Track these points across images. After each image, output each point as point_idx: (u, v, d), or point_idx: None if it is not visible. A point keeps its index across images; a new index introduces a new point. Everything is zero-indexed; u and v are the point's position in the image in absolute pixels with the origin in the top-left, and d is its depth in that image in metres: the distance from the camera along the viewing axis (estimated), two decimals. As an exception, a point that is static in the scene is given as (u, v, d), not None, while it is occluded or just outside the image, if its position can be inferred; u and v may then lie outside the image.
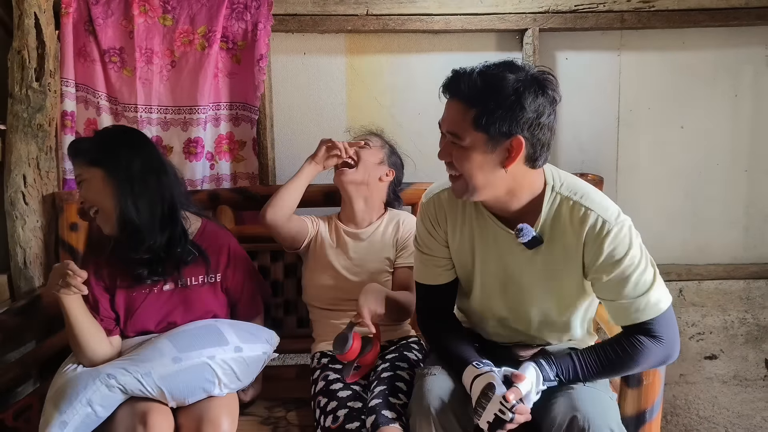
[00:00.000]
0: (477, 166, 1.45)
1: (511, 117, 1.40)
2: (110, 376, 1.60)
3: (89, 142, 1.81)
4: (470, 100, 1.42)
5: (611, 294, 1.49)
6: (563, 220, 1.51)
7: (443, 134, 1.52)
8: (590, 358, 1.51)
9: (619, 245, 1.46)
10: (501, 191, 1.50)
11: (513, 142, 1.42)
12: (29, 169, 2.25)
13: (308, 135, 2.55)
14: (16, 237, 2.26)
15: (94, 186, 1.74)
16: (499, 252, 1.59)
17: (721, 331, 2.65)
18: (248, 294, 1.96)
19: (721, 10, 2.43)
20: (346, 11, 2.40)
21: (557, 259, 1.54)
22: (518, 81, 1.40)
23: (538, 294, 1.60)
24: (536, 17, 2.42)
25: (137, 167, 1.75)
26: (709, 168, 2.63)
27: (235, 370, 1.72)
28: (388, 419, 1.59)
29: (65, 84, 2.34)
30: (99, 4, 2.32)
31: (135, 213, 1.73)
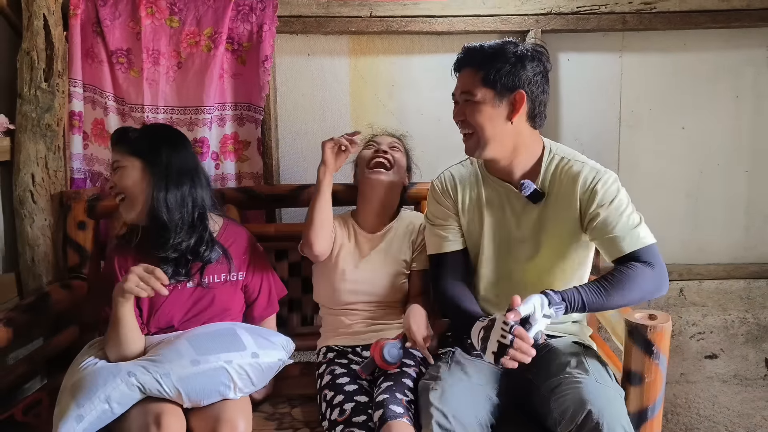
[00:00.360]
0: (487, 118, 1.69)
1: (513, 74, 1.67)
2: (131, 374, 1.62)
3: (135, 133, 1.86)
4: (479, 64, 1.70)
5: (606, 229, 1.67)
6: (560, 177, 1.75)
7: (456, 102, 1.77)
8: (592, 287, 1.62)
9: (610, 188, 1.70)
10: (507, 147, 1.74)
11: (516, 96, 1.68)
12: (37, 168, 2.28)
13: (312, 135, 2.58)
14: (24, 235, 2.28)
15: (130, 175, 1.80)
16: (504, 211, 1.80)
17: (722, 330, 2.67)
18: (266, 292, 1.99)
19: (723, 11, 2.45)
20: (350, 13, 2.43)
21: (556, 212, 1.74)
22: (517, 48, 1.70)
23: (540, 249, 1.77)
24: (538, 19, 2.44)
25: (175, 166, 1.82)
26: (710, 168, 2.65)
27: (251, 375, 1.75)
28: (396, 413, 1.60)
29: (73, 84, 2.37)
30: (107, 6, 2.35)
31: (165, 209, 1.78)
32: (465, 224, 1.86)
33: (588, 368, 1.61)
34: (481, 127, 1.70)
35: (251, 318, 1.99)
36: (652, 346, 1.55)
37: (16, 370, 2.01)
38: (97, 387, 1.60)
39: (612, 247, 1.67)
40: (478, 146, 1.73)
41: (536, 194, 1.73)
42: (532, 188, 1.73)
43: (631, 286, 1.61)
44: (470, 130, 1.73)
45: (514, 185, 1.77)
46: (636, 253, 1.65)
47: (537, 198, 1.74)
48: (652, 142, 2.63)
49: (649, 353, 1.55)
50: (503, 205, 1.80)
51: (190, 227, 1.82)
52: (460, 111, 1.75)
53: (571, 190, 1.72)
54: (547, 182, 1.76)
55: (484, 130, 1.70)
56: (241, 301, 1.96)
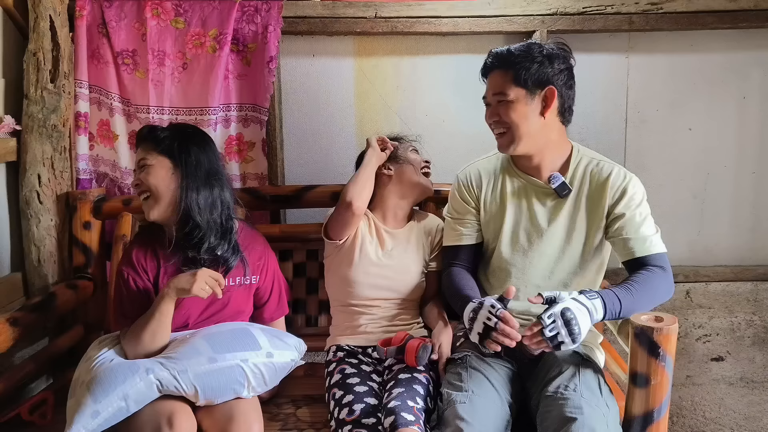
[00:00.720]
0: (522, 115, 1.76)
1: (542, 71, 1.75)
2: (149, 371, 1.63)
3: (164, 131, 1.86)
4: (508, 65, 1.77)
5: (629, 229, 1.75)
6: (590, 175, 1.82)
7: (488, 104, 1.84)
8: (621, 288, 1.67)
9: (638, 192, 1.78)
10: (539, 143, 1.80)
11: (547, 92, 1.76)
12: (44, 168, 2.29)
13: (317, 136, 2.58)
14: (30, 235, 2.29)
15: (159, 173, 1.80)
16: (529, 205, 1.86)
17: (728, 332, 2.65)
18: (276, 295, 2.00)
19: (730, 12, 2.43)
20: (355, 14, 2.42)
21: (583, 209, 1.81)
22: (543, 47, 1.78)
23: (559, 244, 1.83)
24: (544, 19, 2.43)
25: (205, 166, 1.83)
26: (717, 170, 2.63)
27: (265, 374, 1.76)
28: (408, 421, 1.60)
29: (79, 85, 2.38)
30: (112, 7, 2.36)
31: (198, 210, 1.79)
32: (485, 218, 1.92)
33: (578, 383, 1.61)
34: (515, 125, 1.77)
35: (261, 319, 2.00)
36: (658, 348, 1.53)
37: (22, 370, 2.02)
38: (115, 384, 1.60)
39: (632, 247, 1.74)
40: (512, 142, 1.79)
41: (564, 186, 1.80)
42: (561, 180, 1.80)
43: (655, 288, 1.69)
44: (504, 128, 1.79)
45: (541, 181, 1.84)
46: (653, 258, 1.73)
47: (564, 191, 1.80)
48: (659, 143, 2.61)
49: (655, 355, 1.54)
50: (529, 199, 1.86)
51: (222, 231, 1.84)
52: (494, 112, 1.81)
53: (602, 188, 1.79)
54: (575, 180, 1.83)
55: (518, 127, 1.77)
56: (251, 303, 1.97)
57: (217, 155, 1.91)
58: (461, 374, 1.72)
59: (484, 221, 1.92)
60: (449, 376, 1.75)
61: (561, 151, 1.86)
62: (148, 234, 1.89)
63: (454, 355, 1.84)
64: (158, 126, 1.89)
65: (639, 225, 1.75)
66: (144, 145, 1.84)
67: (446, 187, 2.27)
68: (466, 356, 1.79)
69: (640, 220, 1.76)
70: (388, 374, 1.88)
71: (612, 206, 1.78)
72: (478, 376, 1.70)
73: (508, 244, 1.87)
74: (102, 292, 2.30)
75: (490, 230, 1.91)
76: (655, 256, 1.73)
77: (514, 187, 1.89)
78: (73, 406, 1.61)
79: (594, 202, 1.80)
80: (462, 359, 1.79)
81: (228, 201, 1.87)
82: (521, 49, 1.78)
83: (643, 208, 1.78)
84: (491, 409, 1.61)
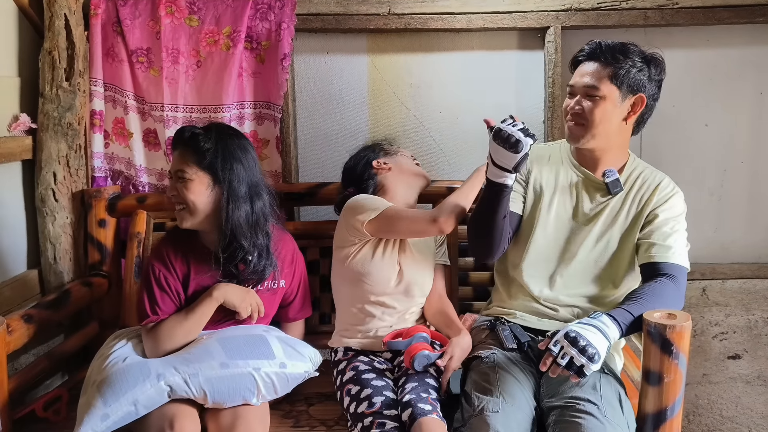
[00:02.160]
0: (606, 116, 1.76)
1: (640, 77, 1.75)
2: (160, 377, 1.63)
3: (206, 140, 1.80)
4: (608, 60, 1.75)
5: (661, 233, 1.76)
6: (642, 180, 1.84)
7: (572, 93, 1.82)
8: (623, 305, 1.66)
9: (679, 205, 1.82)
10: (608, 143, 1.81)
11: (637, 99, 1.77)
12: (59, 166, 2.30)
13: (331, 134, 2.58)
14: (46, 233, 2.31)
15: (197, 189, 1.78)
16: (578, 195, 1.88)
17: (745, 330, 2.62)
18: (301, 297, 2.01)
19: (746, 6, 2.40)
20: (369, 10, 2.42)
21: (625, 208, 1.83)
22: (643, 52, 1.78)
23: (598, 236, 1.84)
24: (558, 15, 2.42)
25: (248, 183, 1.81)
26: (734, 166, 2.60)
27: (276, 384, 1.76)
28: (425, 411, 1.60)
29: (94, 84, 2.39)
30: (127, 6, 2.37)
31: (241, 231, 1.78)
32: (531, 197, 1.92)
33: (599, 397, 1.57)
34: (596, 123, 1.76)
35: (285, 317, 2.01)
36: (671, 345, 1.52)
37: (36, 367, 2.03)
38: (126, 388, 1.61)
39: (654, 252, 1.75)
40: (583, 137, 1.79)
41: (616, 183, 1.81)
42: (616, 176, 1.81)
43: (665, 299, 1.66)
44: (583, 121, 1.78)
45: (596, 176, 1.85)
46: (670, 266, 1.73)
47: (616, 188, 1.81)
48: (675, 139, 2.59)
49: (668, 353, 1.53)
50: (579, 191, 1.88)
51: (266, 250, 1.84)
52: (578, 103, 1.79)
53: (651, 192, 1.82)
54: (629, 183, 1.85)
55: (597, 126, 1.76)
56: (276, 306, 1.97)
57: (256, 161, 1.88)
58: (489, 375, 1.68)
59: (530, 200, 1.92)
60: (476, 375, 1.72)
61: (622, 155, 1.88)
62: (182, 235, 1.87)
63: (480, 352, 1.80)
64: (200, 132, 1.81)
65: (668, 234, 1.76)
66: (184, 154, 1.80)
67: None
68: (492, 354, 1.76)
69: (670, 231, 1.76)
70: (398, 372, 1.87)
71: (653, 209, 1.80)
72: (507, 378, 1.66)
73: (550, 233, 1.88)
74: (117, 289, 2.31)
75: (534, 212, 1.90)
76: (673, 266, 1.73)
77: (568, 178, 1.90)
78: (84, 407, 1.62)
79: (640, 203, 1.82)
80: (488, 357, 1.76)
81: (268, 213, 1.85)
82: (623, 47, 1.76)
83: (678, 222, 1.79)
84: (521, 417, 1.57)
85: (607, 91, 1.74)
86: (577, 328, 1.52)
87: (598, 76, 1.75)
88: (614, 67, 1.73)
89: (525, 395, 1.63)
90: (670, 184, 1.84)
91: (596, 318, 1.57)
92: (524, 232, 1.92)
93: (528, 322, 1.87)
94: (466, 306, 2.28)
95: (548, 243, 1.88)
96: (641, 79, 1.75)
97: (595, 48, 1.79)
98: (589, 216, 1.86)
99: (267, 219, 1.85)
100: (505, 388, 1.63)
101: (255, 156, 1.88)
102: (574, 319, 1.83)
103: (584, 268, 1.86)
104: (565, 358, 1.49)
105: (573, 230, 1.87)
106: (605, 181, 1.82)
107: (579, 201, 1.87)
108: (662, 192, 1.81)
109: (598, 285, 1.87)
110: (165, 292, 1.80)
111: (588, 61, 1.79)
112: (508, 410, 1.56)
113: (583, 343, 1.48)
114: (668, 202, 1.80)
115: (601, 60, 1.76)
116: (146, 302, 1.80)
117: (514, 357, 1.75)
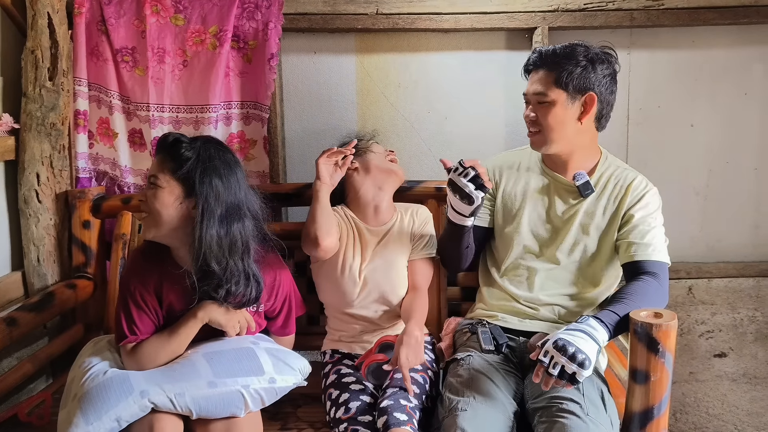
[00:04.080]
0: (558, 119, 1.78)
1: (585, 76, 1.76)
2: (143, 395, 1.58)
3: (189, 150, 1.66)
4: (552, 66, 1.78)
5: (638, 231, 1.78)
6: (614, 180, 1.85)
7: (527, 102, 1.85)
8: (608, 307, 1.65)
9: (654, 202, 1.83)
10: (571, 145, 1.83)
11: (587, 98, 1.78)
12: (42, 167, 2.27)
13: (319, 133, 2.56)
14: (29, 235, 2.28)
15: (165, 199, 1.65)
16: (551, 200, 1.90)
17: (731, 329, 2.65)
18: (283, 316, 1.93)
19: (731, 8, 2.42)
20: (356, 10, 2.41)
21: (598, 209, 1.84)
22: (588, 51, 1.78)
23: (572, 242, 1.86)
24: (546, 16, 2.42)
25: (224, 205, 1.66)
26: (719, 166, 2.62)
27: (264, 398, 1.71)
28: (399, 421, 1.59)
29: (78, 83, 2.36)
30: (111, 4, 2.34)
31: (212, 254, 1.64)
32: (501, 206, 1.96)
33: (582, 396, 1.57)
34: (550, 127, 1.79)
35: (270, 329, 1.96)
36: (657, 344, 1.52)
37: (20, 370, 2.00)
38: (108, 406, 1.56)
39: (634, 251, 1.77)
40: (544, 143, 1.83)
41: (587, 186, 1.83)
42: (586, 179, 1.83)
43: (649, 297, 1.67)
44: (539, 128, 1.82)
45: (566, 179, 1.88)
46: (652, 264, 1.75)
47: (587, 190, 1.83)
48: (661, 139, 2.61)
49: (655, 351, 1.53)
50: (551, 196, 1.90)
51: (245, 275, 1.70)
52: (532, 111, 1.83)
53: (624, 192, 1.83)
54: (600, 184, 1.86)
55: (552, 130, 1.79)
56: (263, 324, 1.91)
57: (241, 181, 1.72)
58: (463, 377, 1.69)
59: (500, 209, 1.96)
60: (451, 378, 1.72)
61: (591, 156, 1.89)
62: (154, 250, 1.76)
63: (456, 355, 1.81)
64: (184, 141, 1.67)
65: (646, 232, 1.77)
66: (163, 160, 1.67)
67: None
68: (469, 356, 1.76)
69: (648, 228, 1.78)
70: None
71: (628, 209, 1.81)
72: (481, 378, 1.66)
73: (525, 238, 1.90)
74: (102, 291, 2.28)
75: (507, 220, 1.94)
76: (655, 263, 1.75)
77: (538, 183, 1.92)
78: (65, 423, 1.57)
79: (615, 203, 1.84)
80: (464, 359, 1.76)
81: (248, 238, 1.70)
82: (566, 50, 1.78)
83: (654, 218, 1.81)
84: (496, 416, 1.56)
85: (554, 96, 1.77)
86: (565, 335, 1.51)
87: (545, 81, 1.78)
88: (557, 71, 1.76)
89: (502, 396, 1.62)
90: (642, 181, 1.85)
91: (583, 322, 1.57)
92: (502, 239, 1.95)
93: (509, 324, 1.88)
94: (454, 306, 2.28)
95: (526, 248, 1.91)
96: (588, 77, 1.76)
97: (538, 56, 1.82)
98: (563, 219, 1.88)
99: (247, 244, 1.70)
100: (478, 388, 1.63)
101: (241, 176, 1.73)
102: (555, 317, 1.86)
103: (564, 271, 1.88)
104: (556, 368, 1.48)
105: (549, 234, 1.90)
106: (576, 184, 1.84)
107: (552, 205, 1.90)
108: (635, 191, 1.82)
109: (578, 285, 1.88)
110: (142, 310, 1.71)
111: (536, 69, 1.83)
112: (478, 409, 1.55)
113: (572, 349, 1.47)
114: (642, 200, 1.81)
115: (545, 66, 1.79)
116: (123, 322, 1.71)
117: (491, 358, 1.75)
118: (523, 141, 2.50)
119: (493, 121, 2.56)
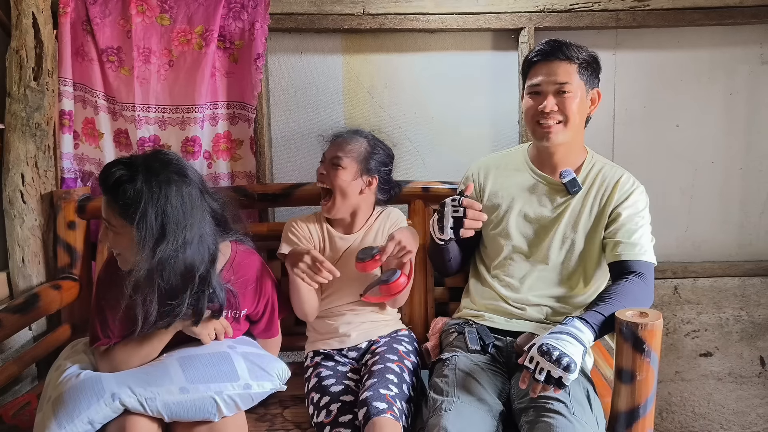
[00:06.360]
0: (578, 109, 1.80)
1: (597, 72, 1.84)
2: (115, 397, 1.57)
3: (131, 192, 1.55)
4: (572, 57, 1.79)
5: (625, 230, 1.78)
6: (601, 178, 1.86)
7: (537, 93, 1.82)
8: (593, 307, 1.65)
9: (641, 200, 1.83)
10: (575, 138, 1.85)
11: (594, 94, 1.85)
12: (27, 168, 2.26)
13: (305, 134, 2.56)
14: (14, 235, 2.26)
15: (122, 240, 1.60)
16: (539, 199, 1.90)
17: (716, 328, 2.66)
18: (266, 320, 1.92)
19: (716, 8, 2.43)
20: (343, 10, 2.41)
21: (586, 207, 1.84)
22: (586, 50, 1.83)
23: (560, 241, 1.86)
24: (532, 16, 2.43)
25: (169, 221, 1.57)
26: (705, 166, 2.64)
27: (239, 403, 1.69)
28: (379, 410, 1.59)
29: (63, 83, 2.35)
30: (97, 4, 2.33)
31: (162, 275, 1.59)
32: (488, 207, 1.94)
33: (568, 396, 1.57)
34: (573, 115, 1.79)
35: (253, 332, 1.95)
36: (643, 343, 1.53)
37: (4, 372, 1.98)
38: (80, 409, 1.56)
39: (621, 250, 1.77)
40: (562, 131, 1.81)
41: (574, 183, 1.83)
42: (572, 176, 1.83)
43: (634, 297, 1.67)
44: (562, 118, 1.80)
45: (554, 178, 1.88)
46: (638, 264, 1.75)
47: (574, 187, 1.83)
48: (646, 139, 2.62)
49: (641, 351, 1.53)
50: (539, 195, 1.90)
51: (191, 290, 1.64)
52: (551, 101, 1.79)
53: (611, 189, 1.83)
54: (587, 182, 1.87)
55: (574, 122, 1.80)
56: (244, 329, 1.90)
57: (191, 197, 1.62)
58: (448, 377, 1.68)
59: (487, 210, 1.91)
60: (436, 378, 1.72)
61: (580, 152, 1.91)
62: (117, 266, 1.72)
63: (442, 355, 1.81)
64: (124, 178, 1.56)
65: (633, 231, 1.77)
66: (109, 203, 1.59)
67: (435, 185, 2.27)
68: (454, 356, 1.76)
69: (635, 227, 1.78)
70: (364, 370, 1.87)
71: (615, 207, 1.81)
72: (466, 379, 1.66)
73: (514, 237, 1.90)
74: (87, 292, 2.27)
75: (498, 224, 1.93)
76: (641, 263, 1.75)
77: (526, 183, 1.92)
78: (39, 426, 1.57)
79: (602, 201, 1.84)
80: (450, 360, 1.76)
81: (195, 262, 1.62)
82: (575, 45, 1.81)
83: (642, 217, 1.80)
84: (480, 416, 1.56)
85: (576, 86, 1.79)
86: (549, 339, 1.51)
87: (568, 71, 1.78)
88: (578, 63, 1.79)
89: (487, 395, 1.62)
90: (629, 179, 1.85)
91: (568, 324, 1.57)
92: (491, 239, 1.95)
93: (496, 324, 1.88)
94: (441, 306, 2.28)
95: (514, 248, 1.91)
96: (598, 74, 1.84)
97: (555, 45, 1.81)
98: (551, 218, 1.87)
99: (191, 266, 1.62)
100: (463, 388, 1.63)
101: (190, 192, 1.62)
102: (543, 318, 1.86)
103: (552, 270, 1.88)
104: (542, 373, 1.48)
105: (537, 233, 1.89)
106: (562, 181, 1.84)
107: (540, 204, 1.90)
108: (622, 189, 1.82)
109: (567, 285, 1.88)
110: (115, 314, 1.68)
111: (549, 59, 1.80)
112: (462, 409, 1.55)
113: (557, 353, 1.47)
114: (629, 198, 1.81)
115: (565, 58, 1.79)
116: (97, 325, 1.71)
117: (477, 358, 1.75)
118: (508, 140, 2.53)
119: (480, 121, 2.56)
